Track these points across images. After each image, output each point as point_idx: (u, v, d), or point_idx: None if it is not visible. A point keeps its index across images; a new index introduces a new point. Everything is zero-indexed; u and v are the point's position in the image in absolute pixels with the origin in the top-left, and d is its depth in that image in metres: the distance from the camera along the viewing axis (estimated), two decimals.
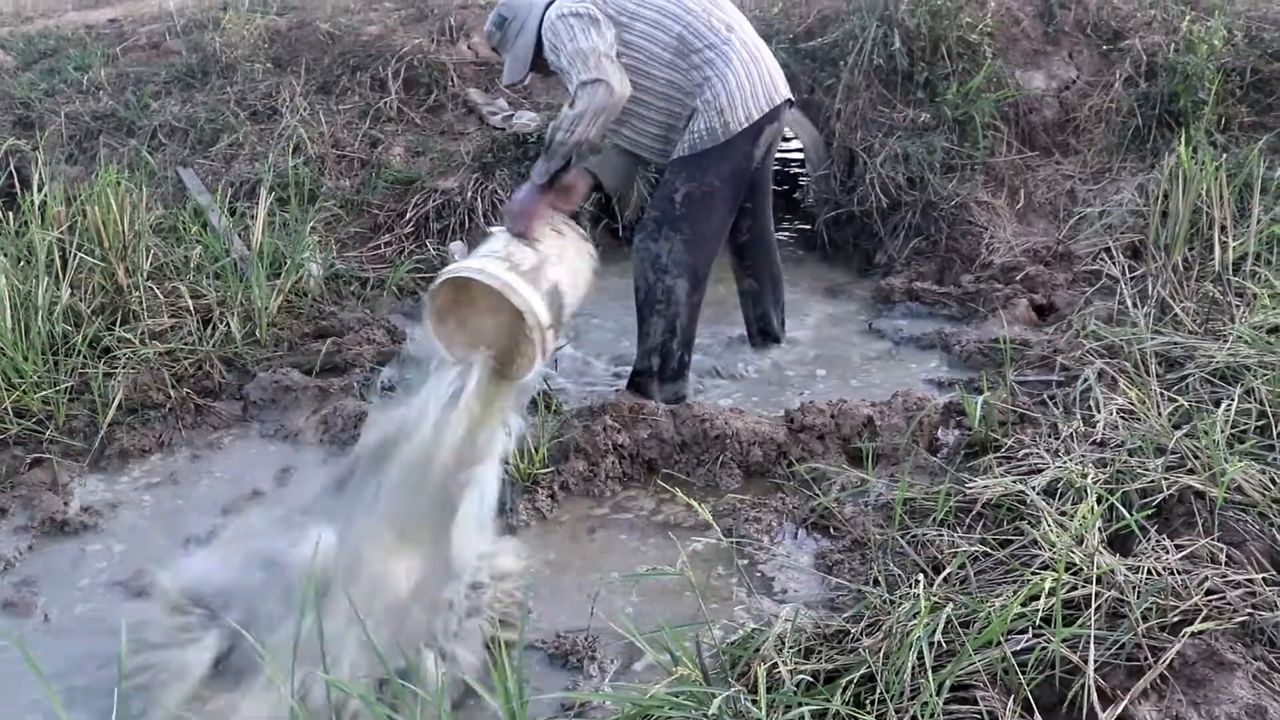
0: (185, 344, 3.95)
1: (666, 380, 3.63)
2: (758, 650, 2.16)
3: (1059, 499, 2.61)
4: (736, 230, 3.82)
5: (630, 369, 3.73)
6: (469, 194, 5.24)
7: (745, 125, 3.39)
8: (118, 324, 3.96)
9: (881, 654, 2.04)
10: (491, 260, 3.06)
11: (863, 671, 2.02)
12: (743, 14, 3.58)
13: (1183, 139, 4.44)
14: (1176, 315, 3.67)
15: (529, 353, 3.05)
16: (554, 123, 3.25)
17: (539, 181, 3.32)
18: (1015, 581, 2.27)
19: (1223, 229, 4.05)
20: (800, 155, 5.98)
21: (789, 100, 3.58)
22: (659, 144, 3.54)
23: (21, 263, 4.08)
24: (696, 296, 3.58)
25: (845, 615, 2.37)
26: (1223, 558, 2.28)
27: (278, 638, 2.31)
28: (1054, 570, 2.16)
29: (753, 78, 3.39)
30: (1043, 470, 2.75)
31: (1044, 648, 2.00)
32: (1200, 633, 2.00)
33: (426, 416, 2.88)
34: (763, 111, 3.42)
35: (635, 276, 3.58)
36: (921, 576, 2.28)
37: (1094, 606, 2.08)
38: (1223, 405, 2.85)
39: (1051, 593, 2.08)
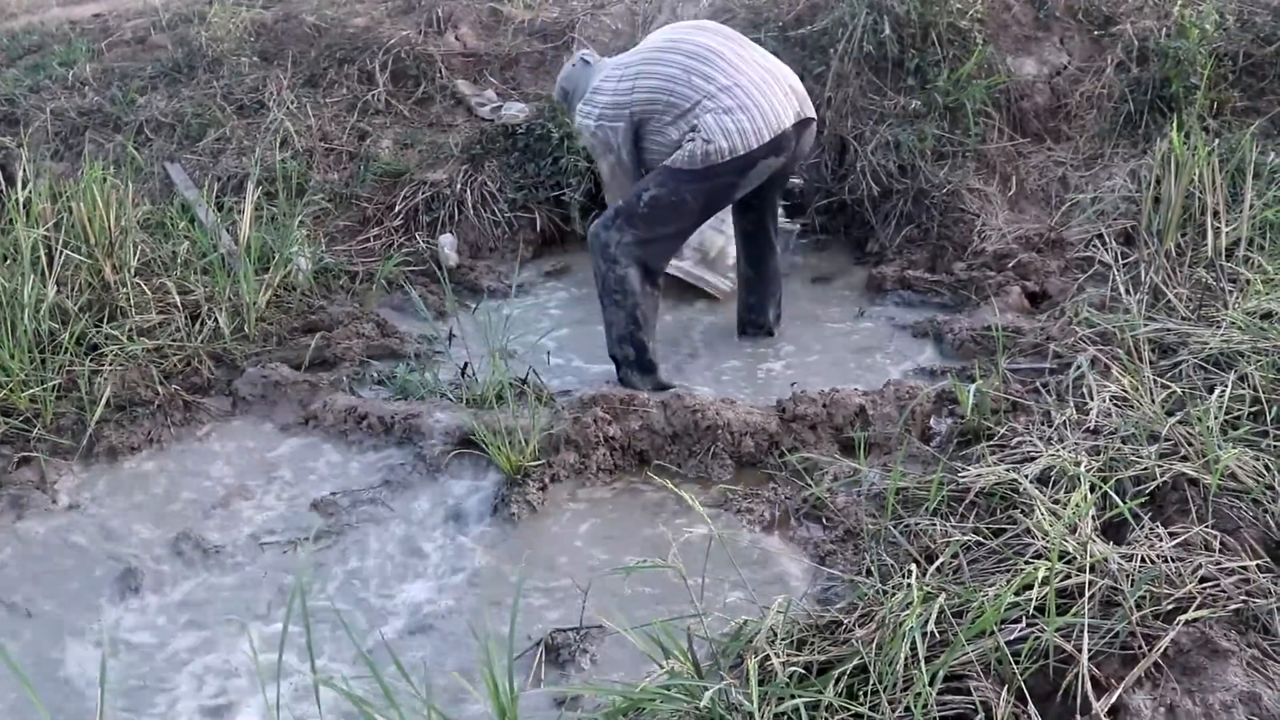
0: (173, 340, 3.92)
1: (645, 370, 3.69)
2: (750, 642, 2.15)
3: (1052, 487, 2.60)
4: (743, 220, 4.00)
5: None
6: (458, 186, 5.21)
7: (725, 159, 3.53)
8: (105, 321, 3.93)
9: (874, 645, 2.03)
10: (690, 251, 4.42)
11: (855, 662, 2.01)
12: (741, 42, 3.74)
13: (1175, 124, 4.43)
14: (1169, 301, 3.65)
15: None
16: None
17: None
18: (1008, 570, 2.27)
19: (1215, 214, 4.03)
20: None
21: (808, 119, 3.72)
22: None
23: (7, 260, 4.05)
24: (651, 288, 3.69)
25: (838, 606, 2.36)
26: (1216, 545, 2.27)
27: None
28: (1047, 559, 2.15)
29: (741, 122, 3.52)
30: (1036, 458, 2.74)
31: (1037, 637, 1.99)
32: (1194, 620, 1.99)
33: None
34: (750, 148, 3.54)
35: (592, 264, 3.74)
36: (914, 566, 2.28)
37: (1088, 595, 2.07)
38: (1216, 391, 2.84)
39: (1045, 582, 2.07)
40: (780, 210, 4.47)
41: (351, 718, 2.27)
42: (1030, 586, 2.09)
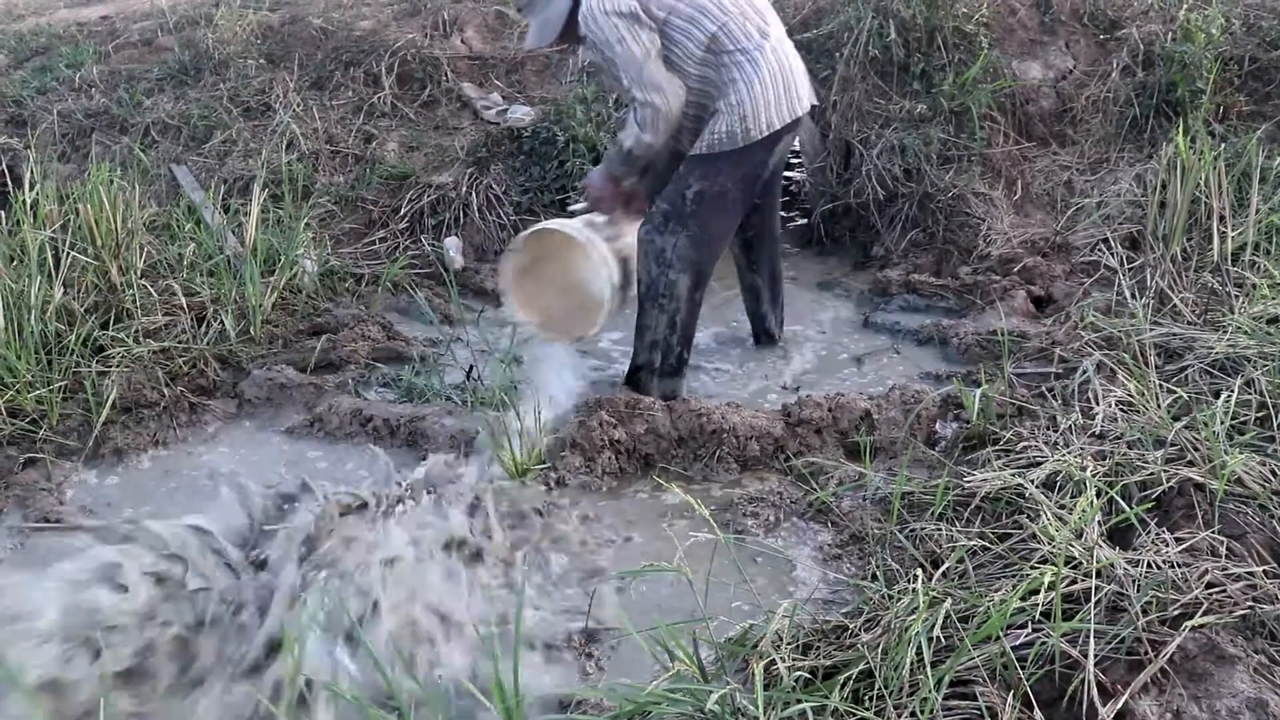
0: (179, 342, 3.93)
1: (664, 375, 3.62)
2: (755, 646, 2.14)
3: (1058, 492, 2.59)
4: (744, 226, 3.85)
5: (628, 364, 3.72)
6: (464, 189, 5.22)
7: (765, 134, 3.39)
8: (111, 322, 3.94)
9: (880, 650, 2.03)
10: (575, 222, 3.59)
11: (861, 667, 2.00)
12: (776, 17, 3.57)
13: (1180, 129, 4.42)
14: (1175, 306, 3.65)
15: (587, 319, 3.60)
16: (623, 138, 3.42)
17: (615, 174, 3.59)
18: (1014, 576, 2.26)
19: (1221, 219, 4.03)
20: (796, 148, 5.95)
21: (813, 105, 3.61)
22: (693, 134, 3.53)
23: (14, 262, 4.05)
24: (698, 293, 3.58)
25: (843, 611, 2.36)
26: (1223, 550, 2.27)
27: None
28: (1053, 564, 2.14)
29: (778, 87, 3.39)
30: (1041, 463, 2.73)
31: (1043, 642, 1.99)
32: (1201, 626, 1.99)
33: None
34: (784, 122, 3.42)
35: (638, 269, 3.57)
36: (920, 571, 2.27)
37: (1094, 600, 2.07)
38: (1222, 396, 2.83)
39: (1051, 587, 2.07)
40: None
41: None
42: (1036, 592, 2.08)
